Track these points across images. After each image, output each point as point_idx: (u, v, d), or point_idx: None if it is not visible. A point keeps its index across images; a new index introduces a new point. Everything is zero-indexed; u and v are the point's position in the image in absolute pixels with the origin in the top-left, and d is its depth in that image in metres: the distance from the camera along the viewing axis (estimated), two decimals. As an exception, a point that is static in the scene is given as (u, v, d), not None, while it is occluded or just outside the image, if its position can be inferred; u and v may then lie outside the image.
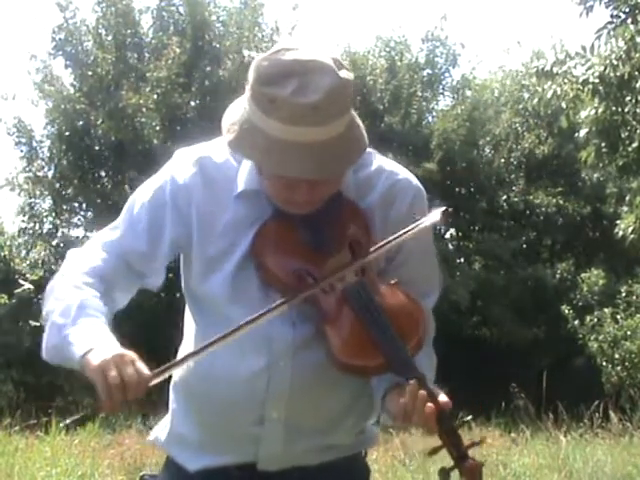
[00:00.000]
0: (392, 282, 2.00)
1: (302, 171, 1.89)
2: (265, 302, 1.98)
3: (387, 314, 1.93)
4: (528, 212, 19.19)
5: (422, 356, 2.02)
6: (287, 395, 2.00)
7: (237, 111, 1.99)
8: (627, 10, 8.81)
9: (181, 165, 2.10)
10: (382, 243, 1.99)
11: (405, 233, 2.00)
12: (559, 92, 9.28)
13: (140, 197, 2.11)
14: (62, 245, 17.36)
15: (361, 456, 2.20)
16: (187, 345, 2.15)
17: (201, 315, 2.11)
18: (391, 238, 1.99)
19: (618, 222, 11.49)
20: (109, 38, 17.10)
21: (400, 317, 1.95)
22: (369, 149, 2.14)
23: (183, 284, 2.14)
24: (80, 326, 1.90)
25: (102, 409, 1.81)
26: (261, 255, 2.01)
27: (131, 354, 1.83)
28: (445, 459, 1.96)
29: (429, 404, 1.86)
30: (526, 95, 18.33)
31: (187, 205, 2.05)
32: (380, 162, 2.13)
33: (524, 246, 19.17)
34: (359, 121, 2.02)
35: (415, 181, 2.14)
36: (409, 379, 1.88)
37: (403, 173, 2.14)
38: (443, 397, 1.89)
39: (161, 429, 2.22)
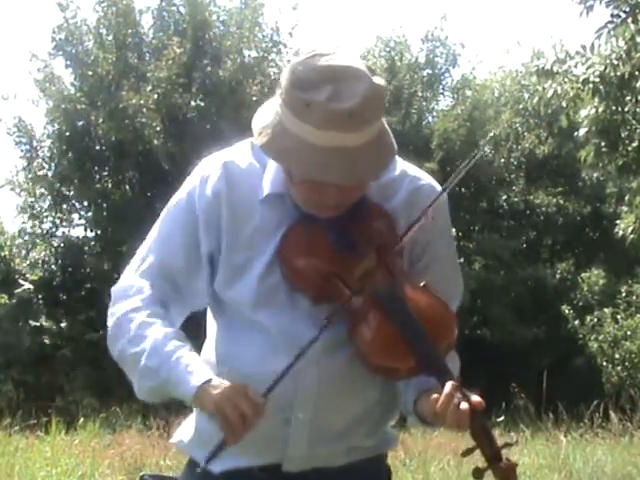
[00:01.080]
0: (422, 284, 2.01)
1: (335, 177, 1.90)
2: (292, 306, 2.00)
3: (419, 316, 1.95)
4: (528, 212, 19.20)
5: (447, 359, 2.03)
6: (314, 396, 2.00)
7: (268, 115, 1.98)
8: (627, 9, 8.80)
9: (207, 174, 2.09)
10: (402, 233, 2.01)
11: (417, 221, 2.01)
12: (559, 91, 9.27)
13: (170, 213, 2.12)
14: (62, 245, 17.38)
15: (383, 457, 2.20)
16: (209, 346, 2.15)
17: (225, 318, 2.11)
18: (410, 225, 2.01)
19: (618, 222, 11.49)
20: (109, 38, 17.11)
21: (432, 319, 1.96)
22: None
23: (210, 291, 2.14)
24: (178, 364, 1.95)
25: (228, 443, 1.89)
26: (288, 258, 2.01)
27: (240, 384, 1.90)
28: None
29: (463, 404, 1.88)
30: (526, 95, 18.34)
31: (217, 214, 2.06)
32: (403, 166, 2.13)
33: (524, 246, 19.19)
34: (387, 126, 2.02)
35: (438, 187, 2.14)
36: (444, 380, 1.91)
37: (426, 178, 2.14)
38: (476, 397, 1.91)
39: (184, 432, 2.21)
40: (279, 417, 2.02)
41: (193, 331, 2.19)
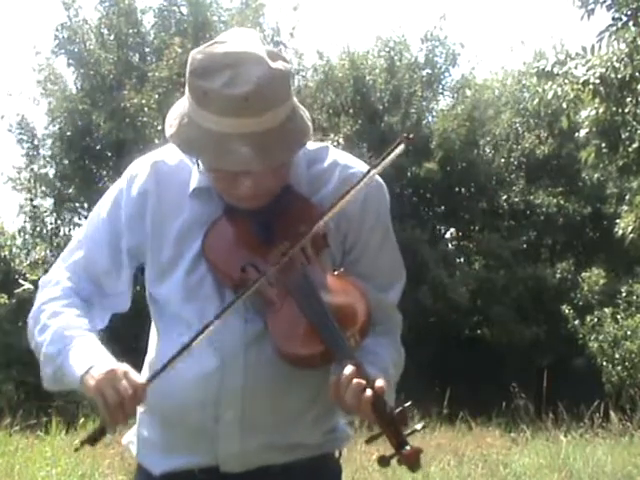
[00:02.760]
0: (336, 272, 1.99)
1: (236, 163, 1.89)
2: (219, 300, 1.99)
3: (327, 303, 1.92)
4: (528, 212, 19.19)
5: (379, 347, 2.02)
6: (240, 393, 1.98)
7: (179, 106, 1.99)
8: (629, 13, 8.80)
9: (135, 173, 2.11)
10: (318, 221, 1.97)
11: (339, 200, 1.97)
12: (560, 92, 9.27)
13: (99, 211, 2.15)
14: (63, 245, 17.38)
15: (332, 456, 2.15)
16: (150, 351, 2.15)
17: (160, 319, 2.11)
18: (326, 214, 1.97)
19: (618, 221, 11.48)
20: (111, 38, 17.13)
21: (340, 306, 1.93)
22: (325, 144, 2.13)
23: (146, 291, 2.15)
24: (70, 351, 1.95)
25: (108, 426, 1.90)
26: (211, 251, 2.02)
27: (122, 367, 1.88)
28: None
29: (365, 392, 1.84)
30: (526, 95, 18.37)
31: (142, 213, 2.07)
32: (335, 156, 2.10)
33: (524, 246, 19.18)
34: (303, 111, 2.00)
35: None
36: (345, 365, 1.87)
37: (358, 166, 2.09)
38: (379, 382, 1.87)
39: (132, 433, 2.23)
40: (206, 415, 2.00)
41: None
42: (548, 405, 11.21)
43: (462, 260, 19.06)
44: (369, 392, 1.84)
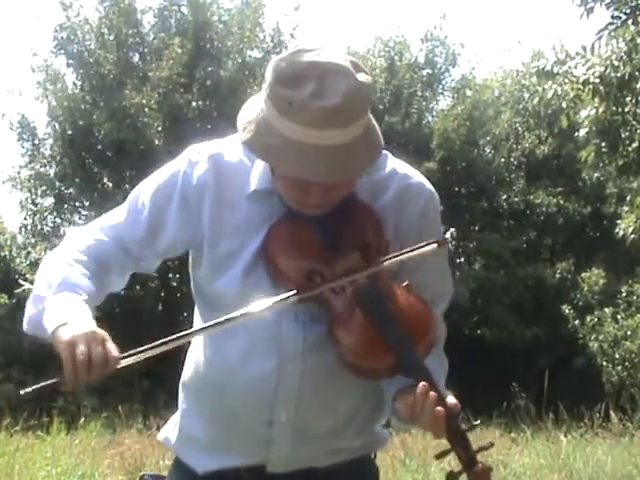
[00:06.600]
0: (404, 284, 1.98)
1: (317, 174, 1.87)
2: None
3: (397, 315, 1.92)
4: (528, 212, 19.21)
5: (432, 360, 2.01)
6: (295, 397, 1.99)
7: (254, 110, 1.95)
8: (628, 11, 8.79)
9: (196, 161, 2.07)
10: (396, 254, 1.98)
11: (416, 249, 1.98)
12: (559, 92, 9.26)
13: (148, 187, 2.09)
14: (63, 245, 17.41)
15: (370, 458, 2.19)
16: (195, 343, 2.14)
17: (211, 315, 2.08)
18: (407, 250, 1.98)
19: (619, 222, 11.48)
20: (111, 37, 17.13)
21: (410, 319, 1.93)
22: (384, 151, 2.12)
23: (192, 284, 2.13)
24: (58, 300, 1.89)
25: (63, 384, 1.79)
26: (272, 254, 2.00)
27: (103, 333, 1.80)
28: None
29: (438, 407, 1.85)
30: (526, 95, 18.35)
31: (198, 205, 2.04)
32: (394, 165, 2.11)
33: (524, 246, 19.19)
34: (375, 124, 2.00)
35: (428, 185, 2.11)
36: (419, 380, 1.88)
37: (416, 177, 2.11)
38: (452, 399, 1.88)
39: (171, 429, 2.20)
40: (260, 418, 2.00)
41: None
42: (548, 405, 11.20)
43: (462, 260, 19.07)
44: (441, 408, 1.85)
